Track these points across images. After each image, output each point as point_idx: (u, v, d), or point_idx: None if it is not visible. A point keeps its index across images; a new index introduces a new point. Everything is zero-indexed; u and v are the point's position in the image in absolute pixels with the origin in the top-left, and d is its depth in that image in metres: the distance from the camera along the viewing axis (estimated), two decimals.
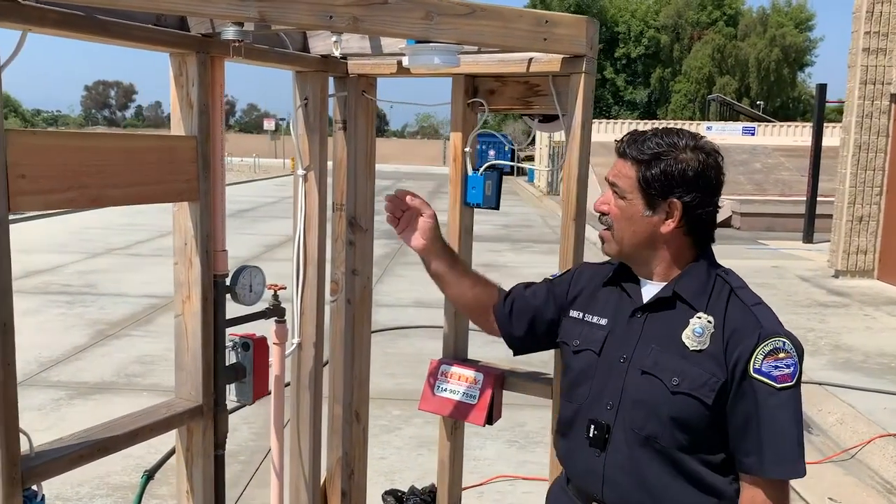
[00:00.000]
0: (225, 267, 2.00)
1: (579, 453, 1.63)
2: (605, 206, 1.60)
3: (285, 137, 33.07)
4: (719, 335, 1.49)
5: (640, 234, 1.57)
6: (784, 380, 1.44)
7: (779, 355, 1.45)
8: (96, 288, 9.20)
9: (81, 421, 4.95)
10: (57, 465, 1.59)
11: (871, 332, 7.37)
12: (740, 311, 1.51)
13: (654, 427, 1.51)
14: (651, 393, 1.52)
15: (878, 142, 10.14)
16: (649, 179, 1.53)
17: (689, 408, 1.48)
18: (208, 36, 1.83)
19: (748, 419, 1.46)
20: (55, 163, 1.52)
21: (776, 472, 1.46)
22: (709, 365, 1.48)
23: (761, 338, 1.46)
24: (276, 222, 16.33)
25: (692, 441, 1.50)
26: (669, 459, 1.51)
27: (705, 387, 1.47)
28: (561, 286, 1.79)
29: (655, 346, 1.54)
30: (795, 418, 1.45)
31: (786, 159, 22.86)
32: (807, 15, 48.00)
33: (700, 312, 1.52)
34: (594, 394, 1.61)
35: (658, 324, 1.56)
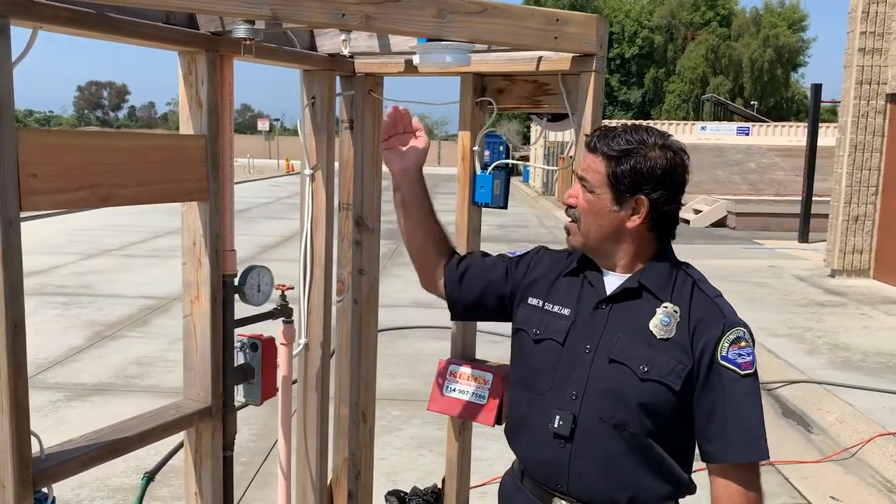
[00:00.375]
0: (234, 267, 1.98)
1: (540, 445, 1.62)
2: (572, 200, 1.63)
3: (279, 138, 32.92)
4: (685, 324, 1.54)
5: (605, 228, 1.59)
6: (746, 367, 1.51)
7: (741, 344, 1.52)
8: (92, 289, 9.16)
9: (80, 423, 4.93)
10: (68, 468, 1.57)
11: (868, 331, 7.39)
12: (704, 303, 1.57)
13: (623, 414, 1.54)
14: (620, 380, 1.54)
15: (873, 141, 10.18)
16: (619, 175, 1.56)
17: (657, 394, 1.52)
18: (218, 34, 1.82)
19: (714, 405, 1.51)
20: (66, 162, 1.51)
21: (739, 454, 1.50)
22: (676, 353, 1.52)
23: (726, 327, 1.53)
24: (271, 223, 16.31)
25: (658, 427, 1.54)
26: (637, 446, 1.54)
27: (673, 374, 1.51)
28: (520, 267, 1.79)
29: (622, 336, 1.57)
30: (757, 403, 1.52)
31: (780, 159, 22.94)
32: (800, 15, 48.23)
33: (666, 302, 1.56)
34: (558, 384, 1.61)
35: (624, 314, 1.59)
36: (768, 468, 4.52)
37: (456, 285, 1.84)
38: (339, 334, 2.51)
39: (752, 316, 7.77)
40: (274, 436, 4.80)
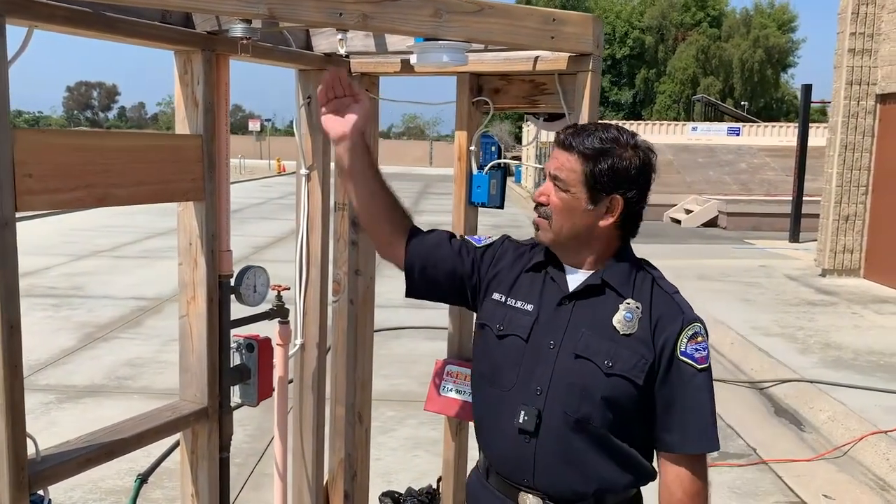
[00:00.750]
0: (230, 267, 1.97)
1: (505, 441, 1.63)
2: (543, 198, 1.61)
3: (271, 138, 32.75)
4: (646, 320, 1.58)
5: (578, 227, 1.60)
6: (703, 361, 1.57)
7: (698, 339, 1.57)
8: (83, 290, 9.11)
9: (73, 425, 4.90)
10: (64, 469, 1.56)
11: (859, 330, 7.43)
12: (664, 299, 1.61)
13: (588, 408, 1.56)
14: (585, 375, 1.56)
15: (863, 142, 10.23)
16: (596, 175, 1.56)
17: (620, 388, 1.55)
18: (214, 33, 1.81)
19: (672, 398, 1.56)
20: (62, 162, 1.50)
21: (696, 446, 1.57)
22: (638, 348, 1.56)
23: (685, 323, 1.58)
24: (263, 223, 16.28)
25: (621, 420, 1.57)
26: (600, 439, 1.57)
27: (636, 368, 1.55)
28: (485, 259, 1.77)
29: (586, 331, 1.59)
30: (712, 397, 1.58)
31: (771, 159, 23.05)
32: (789, 16, 48.47)
33: (629, 299, 1.59)
34: (522, 380, 1.62)
35: (587, 310, 1.61)
36: (761, 467, 4.55)
37: (419, 261, 1.77)
38: (335, 335, 2.50)
39: (744, 315, 7.81)
40: (268, 437, 4.78)
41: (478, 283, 1.76)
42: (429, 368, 6.62)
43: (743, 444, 4.87)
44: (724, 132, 26.57)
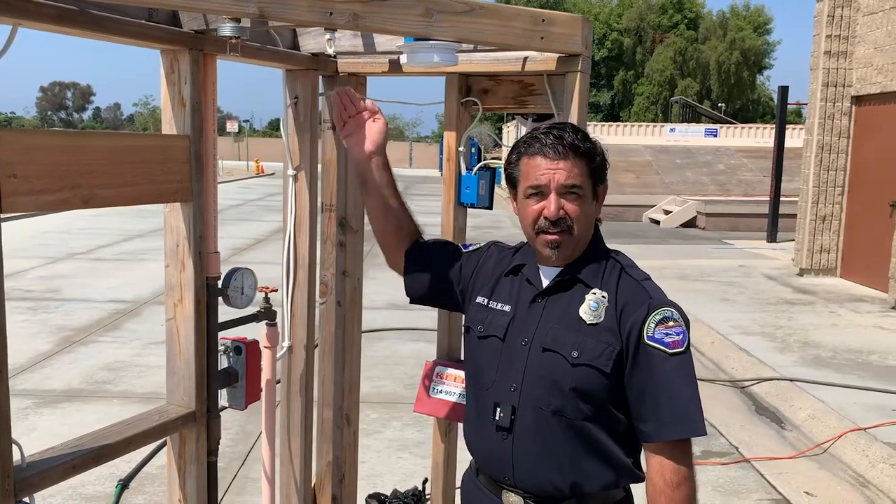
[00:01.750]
0: (217, 269, 1.95)
1: (487, 439, 1.65)
2: (561, 212, 1.58)
3: (249, 139, 32.40)
4: (612, 308, 1.57)
5: (590, 227, 1.64)
6: (675, 345, 1.53)
7: (668, 323, 1.54)
8: (60, 293, 8.98)
9: (51, 430, 4.82)
10: (50, 476, 1.53)
11: (837, 328, 7.53)
12: (631, 286, 1.60)
13: (559, 401, 1.56)
14: (552, 368, 1.57)
15: (839, 143, 10.37)
16: (596, 169, 1.62)
17: (589, 378, 1.54)
18: (201, 32, 1.79)
19: (644, 385, 1.53)
20: (47, 162, 1.47)
21: (673, 432, 1.52)
22: (605, 336, 1.55)
23: (651, 308, 1.56)
24: (243, 225, 16.16)
25: (595, 411, 1.56)
26: (576, 431, 1.57)
27: (602, 356, 1.54)
28: (470, 264, 1.82)
29: (554, 325, 1.60)
30: (689, 381, 1.53)
31: (748, 160, 23.30)
32: (764, 19, 49.04)
33: (595, 289, 1.60)
34: (499, 378, 1.64)
35: (558, 305, 1.62)
36: (744, 465, 4.59)
37: (417, 269, 1.85)
38: (323, 337, 2.48)
39: (724, 315, 7.88)
40: (251, 440, 4.74)
41: (465, 288, 1.80)
42: (413, 370, 6.62)
43: (725, 443, 4.91)
44: (702, 133, 26.81)
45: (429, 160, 49.10)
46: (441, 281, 1.83)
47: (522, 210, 1.63)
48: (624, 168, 22.32)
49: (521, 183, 1.63)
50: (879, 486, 4.24)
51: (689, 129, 27.64)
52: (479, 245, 1.86)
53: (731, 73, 45.40)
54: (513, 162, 1.66)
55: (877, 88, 9.69)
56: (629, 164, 22.70)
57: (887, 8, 9.45)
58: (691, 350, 1.57)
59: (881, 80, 9.57)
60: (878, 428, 4.79)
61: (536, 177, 1.58)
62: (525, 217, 1.63)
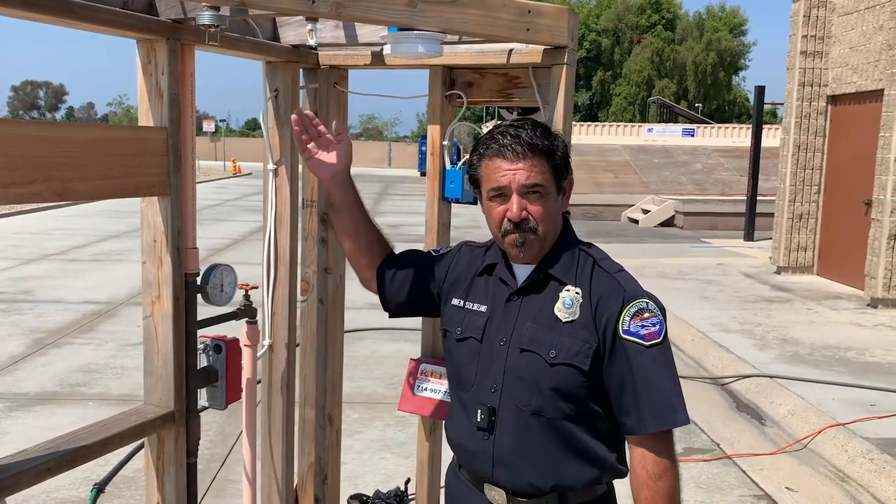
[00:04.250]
0: (196, 265, 1.90)
1: (469, 439, 1.65)
2: (523, 213, 1.56)
3: (226, 139, 32.04)
4: (587, 304, 1.56)
5: (557, 224, 1.63)
6: (651, 337, 1.51)
7: (644, 315, 1.52)
8: (33, 295, 8.81)
9: (24, 433, 4.72)
10: (23, 479, 1.48)
11: (814, 325, 7.59)
12: (604, 279, 1.58)
13: (539, 401, 1.55)
14: (531, 368, 1.56)
15: (815, 142, 10.48)
16: (558, 166, 1.59)
17: (567, 377, 1.53)
18: (178, 21, 1.74)
19: (623, 379, 1.52)
20: (19, 154, 1.41)
21: (655, 424, 1.51)
22: (581, 333, 1.54)
23: (625, 300, 1.54)
24: (219, 225, 15.99)
25: (576, 410, 1.55)
26: (557, 431, 1.56)
27: (580, 354, 1.53)
28: (442, 267, 1.80)
29: (531, 324, 1.58)
30: (668, 372, 1.52)
31: (725, 160, 23.51)
32: (740, 20, 49.56)
33: (569, 286, 1.58)
34: (479, 379, 1.63)
35: (533, 303, 1.61)
36: (725, 461, 4.60)
37: (388, 285, 1.84)
38: (305, 335, 2.44)
39: (703, 313, 7.92)
40: (230, 441, 4.67)
41: (439, 292, 1.79)
42: (393, 370, 6.59)
43: (707, 440, 4.92)
44: (679, 133, 27.02)
45: (408, 160, 49.00)
46: (416, 291, 1.81)
47: (487, 212, 1.62)
48: (603, 168, 22.43)
49: (484, 185, 1.61)
50: (859, 480, 4.27)
51: (666, 129, 27.85)
52: (450, 247, 1.86)
53: (708, 73, 45.83)
54: (474, 164, 1.64)
55: (852, 88, 9.80)
56: (608, 164, 22.81)
57: (862, 9, 9.56)
58: (669, 341, 1.55)
59: (856, 80, 9.68)
60: (857, 423, 4.83)
61: (497, 179, 1.56)
62: (490, 219, 1.62)
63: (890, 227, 8.46)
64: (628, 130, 27.30)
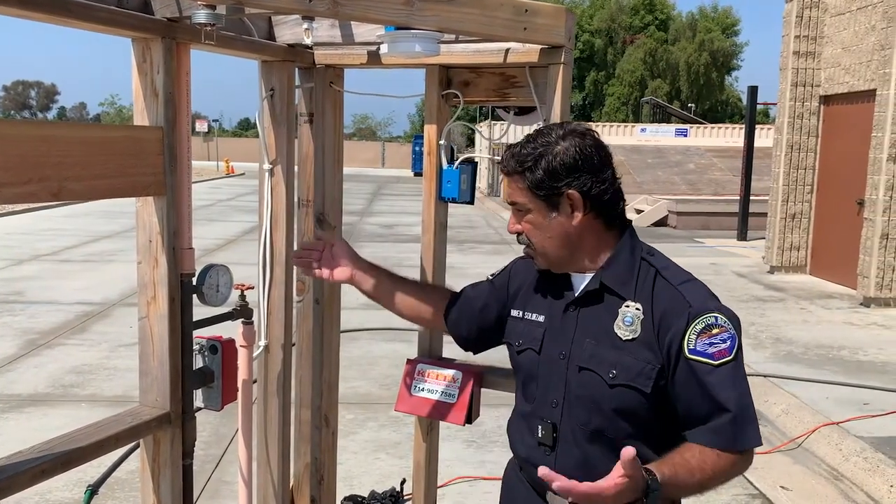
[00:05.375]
0: (192, 266, 1.89)
1: (530, 450, 1.63)
2: (516, 228, 1.59)
3: (218, 139, 31.93)
4: (649, 321, 1.47)
5: (557, 238, 1.55)
6: (722, 355, 1.42)
7: (712, 332, 1.43)
8: (24, 296, 8.76)
9: (17, 435, 4.68)
10: (17, 481, 1.46)
11: (808, 324, 7.62)
12: (667, 293, 1.49)
13: (599, 421, 1.51)
14: (591, 388, 1.51)
15: (808, 142, 10.52)
16: (537, 182, 1.52)
17: (629, 398, 1.48)
18: (174, 20, 1.73)
19: (691, 400, 1.44)
20: (13, 153, 1.40)
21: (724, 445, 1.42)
22: (643, 353, 1.47)
23: (691, 317, 1.44)
24: (213, 225, 15.94)
25: (639, 428, 1.50)
26: (617, 449, 1.48)
27: (641, 375, 1.46)
28: (500, 284, 1.79)
29: (590, 340, 1.53)
30: (741, 389, 1.43)
31: (718, 160, 23.58)
32: (732, 20, 49.69)
33: (628, 301, 1.51)
34: (541, 393, 1.61)
35: (590, 317, 1.55)
36: None
37: (456, 326, 1.85)
38: (300, 335, 2.43)
39: None
40: (224, 442, 4.65)
41: (502, 312, 1.76)
42: (388, 370, 6.56)
43: None
44: (672, 133, 27.10)
45: (401, 160, 49.00)
46: (485, 321, 1.79)
47: None
48: None
49: None
50: (853, 479, 4.29)
51: (659, 129, 27.92)
52: (504, 267, 1.83)
53: (701, 73, 45.95)
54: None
55: (844, 88, 9.84)
56: None
57: (854, 9, 9.60)
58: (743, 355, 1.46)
59: (848, 80, 9.72)
60: (851, 422, 4.85)
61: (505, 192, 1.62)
62: None
63: (882, 226, 8.50)
64: (621, 130, 27.34)
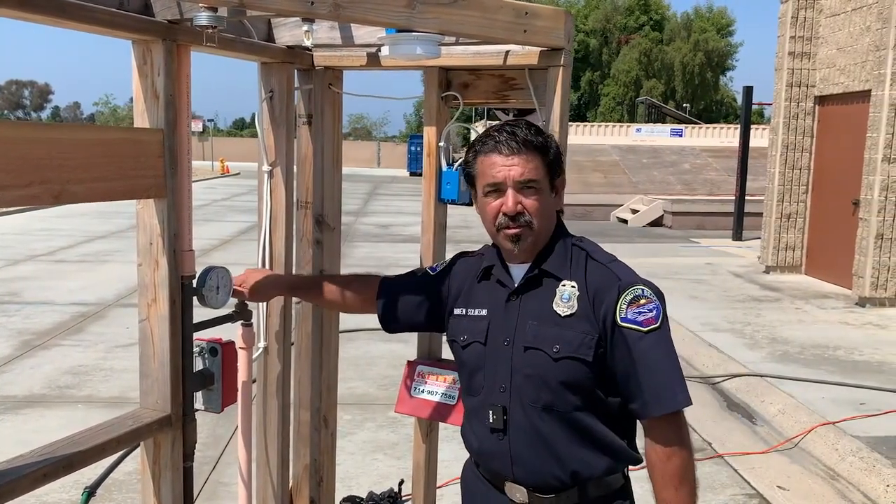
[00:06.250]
0: (192, 268, 1.88)
1: (485, 441, 1.67)
2: (520, 207, 1.60)
3: (213, 139, 31.78)
4: (584, 296, 1.59)
5: (549, 218, 1.65)
6: (649, 323, 1.54)
7: (640, 302, 1.55)
8: (20, 296, 8.73)
9: (13, 437, 4.67)
10: (20, 485, 1.46)
11: (803, 324, 7.64)
12: (599, 271, 1.61)
13: (548, 396, 1.58)
14: (537, 365, 1.58)
15: (803, 142, 10.55)
16: (552, 163, 1.63)
17: (573, 370, 1.56)
18: (175, 22, 1.73)
19: (625, 366, 1.55)
20: (15, 156, 1.40)
21: (658, 408, 1.54)
22: (582, 325, 1.57)
23: (621, 289, 1.57)
24: (209, 226, 15.91)
25: (586, 400, 1.58)
26: (570, 423, 1.59)
27: (583, 346, 1.56)
28: (443, 282, 1.83)
29: (533, 322, 1.61)
30: (667, 355, 1.55)
31: (713, 160, 23.62)
32: (727, 20, 49.78)
33: (564, 280, 1.61)
34: (488, 381, 1.66)
35: (531, 302, 1.63)
36: (717, 460, 4.62)
37: (387, 315, 1.91)
38: (300, 337, 2.43)
39: (693, 312, 7.95)
40: (222, 444, 4.64)
41: (442, 308, 1.82)
42: (385, 371, 6.54)
43: (698, 439, 4.94)
44: (668, 133, 27.12)
45: (397, 160, 48.94)
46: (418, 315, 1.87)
47: (482, 208, 1.65)
48: (592, 168, 22.49)
49: (479, 181, 1.65)
50: (849, 478, 4.30)
51: (654, 129, 27.95)
52: (445, 262, 1.90)
53: (695, 73, 46.01)
54: (470, 161, 1.68)
55: (839, 89, 9.87)
56: (597, 164, 22.87)
57: (849, 10, 9.63)
58: (669, 325, 1.58)
59: (843, 81, 9.75)
60: (847, 422, 4.86)
61: (493, 174, 1.61)
62: (485, 215, 1.65)
63: (877, 226, 8.53)
64: (617, 130, 27.37)
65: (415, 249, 2.29)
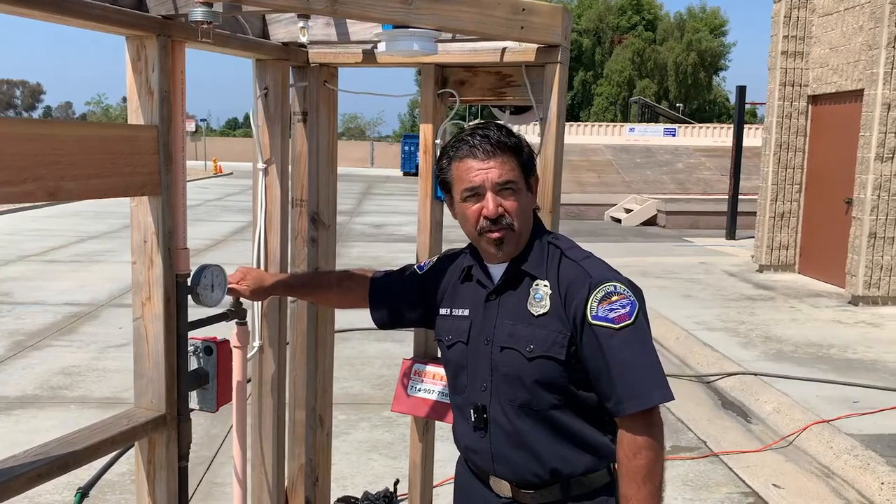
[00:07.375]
0: (187, 266, 1.87)
1: (469, 438, 1.70)
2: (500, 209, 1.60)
3: (206, 138, 31.69)
4: (556, 295, 1.59)
5: (528, 218, 1.65)
6: (622, 319, 1.52)
7: (612, 299, 1.54)
8: (11, 297, 8.68)
9: (6, 438, 4.64)
10: (12, 486, 1.44)
11: (797, 323, 7.66)
12: (570, 268, 1.61)
13: (524, 395, 1.59)
14: (513, 365, 1.60)
15: (797, 141, 10.58)
16: (526, 163, 1.64)
17: (547, 369, 1.57)
18: (169, 18, 1.71)
19: (597, 364, 1.54)
20: (9, 153, 1.38)
21: (633, 405, 1.52)
22: (554, 325, 1.57)
23: (591, 286, 1.56)
24: (202, 225, 15.85)
25: (562, 399, 1.59)
26: (547, 421, 1.60)
27: (556, 345, 1.56)
28: (428, 282, 1.85)
29: (508, 321, 1.62)
30: (641, 352, 1.53)
31: (706, 159, 23.68)
32: (720, 21, 49.90)
33: (538, 280, 1.61)
34: (471, 380, 1.68)
35: (510, 301, 1.64)
36: (712, 459, 4.62)
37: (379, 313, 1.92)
38: (295, 336, 2.41)
39: (687, 311, 7.96)
40: (216, 444, 4.62)
41: (427, 307, 1.83)
42: (380, 370, 6.53)
43: (693, 437, 4.94)
44: (661, 133, 27.17)
45: (390, 159, 48.89)
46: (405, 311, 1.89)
47: (461, 213, 1.65)
48: (586, 167, 22.51)
49: (456, 187, 1.64)
50: (844, 476, 4.31)
51: (648, 128, 28.00)
52: (432, 261, 1.90)
53: (689, 73, 46.12)
54: (444, 167, 1.67)
55: (832, 88, 9.90)
56: (591, 164, 22.90)
57: (842, 10, 9.66)
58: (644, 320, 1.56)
59: (836, 80, 9.78)
60: (841, 420, 4.88)
61: (470, 179, 1.60)
62: (465, 220, 1.64)
63: (870, 225, 8.56)
64: (610, 130, 27.41)
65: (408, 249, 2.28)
